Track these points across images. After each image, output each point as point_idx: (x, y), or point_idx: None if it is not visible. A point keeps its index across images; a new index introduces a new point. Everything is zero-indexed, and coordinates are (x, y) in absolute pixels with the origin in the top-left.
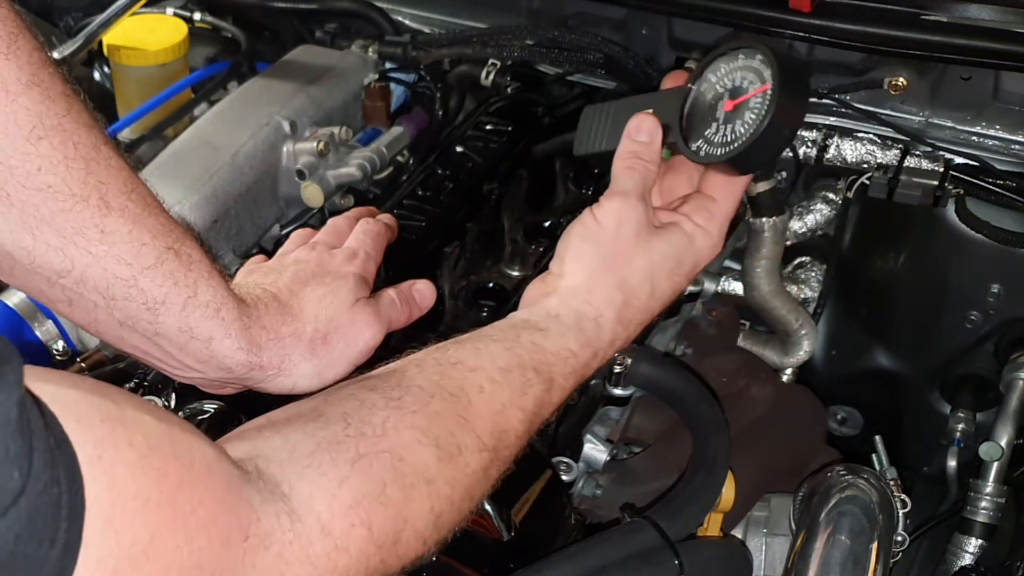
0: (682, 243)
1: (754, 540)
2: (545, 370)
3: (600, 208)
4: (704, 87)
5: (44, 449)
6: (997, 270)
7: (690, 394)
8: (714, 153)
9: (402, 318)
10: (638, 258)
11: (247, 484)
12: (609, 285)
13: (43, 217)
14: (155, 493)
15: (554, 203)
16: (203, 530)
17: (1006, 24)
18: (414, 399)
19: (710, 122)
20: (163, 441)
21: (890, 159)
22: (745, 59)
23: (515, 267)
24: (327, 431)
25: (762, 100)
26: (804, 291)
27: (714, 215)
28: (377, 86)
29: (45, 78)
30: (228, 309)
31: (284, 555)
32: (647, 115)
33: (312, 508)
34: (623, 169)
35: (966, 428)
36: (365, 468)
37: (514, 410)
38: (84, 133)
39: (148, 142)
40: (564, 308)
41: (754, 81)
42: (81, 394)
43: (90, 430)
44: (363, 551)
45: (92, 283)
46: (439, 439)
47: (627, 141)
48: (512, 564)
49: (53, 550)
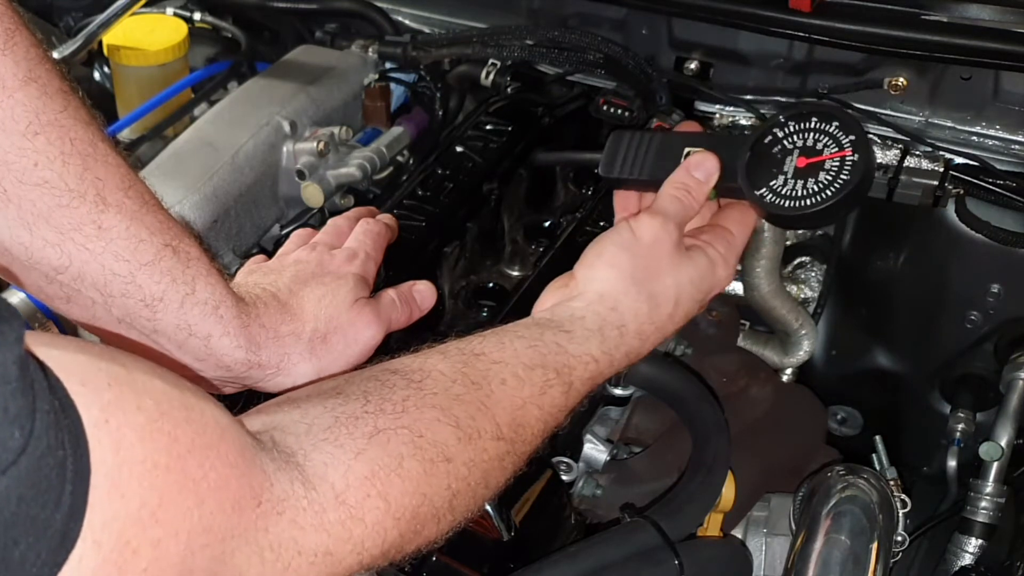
0: (706, 268)
1: (754, 540)
2: (566, 373)
3: (638, 222)
4: (768, 140)
5: (48, 410)
6: (997, 270)
7: (690, 394)
8: (781, 204)
9: (402, 319)
10: (668, 276)
11: (261, 451)
12: (639, 297)
13: (40, 213)
14: (164, 457)
15: (554, 203)
16: (214, 494)
17: (1006, 24)
18: (435, 382)
19: (776, 175)
20: (174, 406)
21: (890, 159)
22: (820, 123)
23: (515, 267)
24: (346, 407)
25: (840, 164)
26: (804, 291)
27: (732, 246)
28: (377, 86)
29: (42, 74)
30: (227, 307)
31: (298, 521)
32: (711, 155)
33: (326, 478)
34: (670, 195)
35: (966, 428)
36: (383, 442)
37: (533, 408)
38: (81, 129)
39: (148, 142)
40: (590, 312)
41: (830, 145)
42: (89, 358)
43: (96, 394)
44: (380, 522)
45: (90, 279)
46: (459, 420)
47: (683, 172)
48: (512, 564)
49: (58, 512)
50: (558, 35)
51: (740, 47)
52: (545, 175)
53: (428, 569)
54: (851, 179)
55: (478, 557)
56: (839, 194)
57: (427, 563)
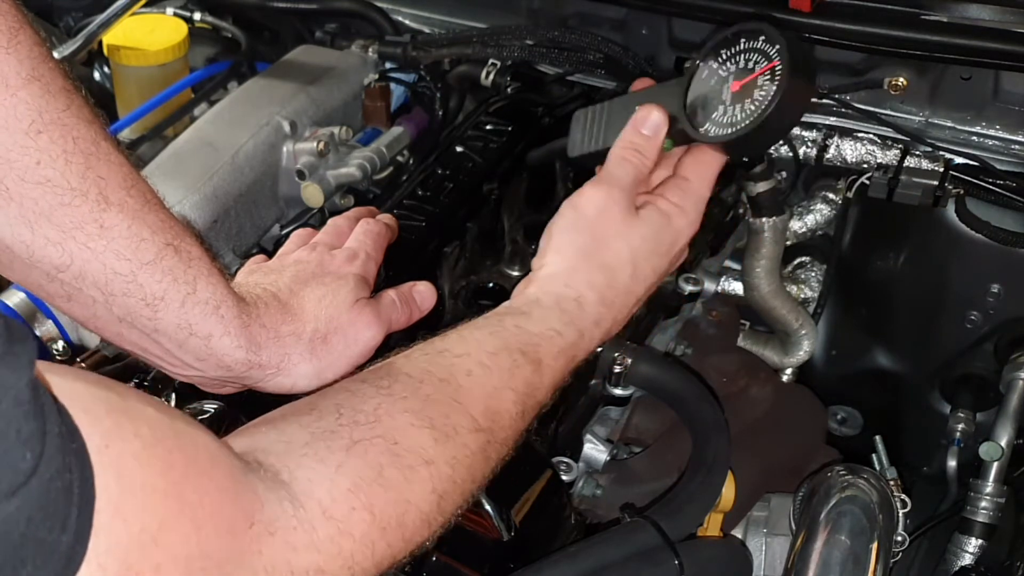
0: (660, 222)
1: (754, 540)
2: (532, 351)
3: (581, 196)
4: (705, 74)
5: (57, 433)
6: (997, 270)
7: (690, 394)
8: (724, 132)
9: (402, 319)
10: (618, 241)
11: (250, 473)
12: (589, 268)
13: (42, 211)
14: (162, 482)
15: (554, 203)
16: (210, 519)
17: (1006, 24)
18: (403, 386)
19: (716, 105)
20: (167, 433)
21: (890, 159)
22: (747, 42)
23: (515, 267)
24: (321, 422)
25: (771, 76)
26: (804, 291)
27: (688, 193)
28: (377, 86)
29: (45, 73)
30: (227, 307)
31: (290, 541)
32: (655, 107)
33: (312, 494)
34: (618, 159)
35: (966, 428)
36: (360, 453)
37: (506, 391)
38: (84, 128)
39: (148, 142)
40: (543, 293)
41: (760, 61)
42: (86, 386)
43: (97, 421)
44: (367, 535)
45: (91, 278)
46: (433, 421)
47: (630, 131)
48: (512, 564)
49: (64, 535)
50: (558, 35)
51: None
52: (545, 175)
53: (428, 569)
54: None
55: (478, 557)
56: (768, 109)
57: (427, 563)
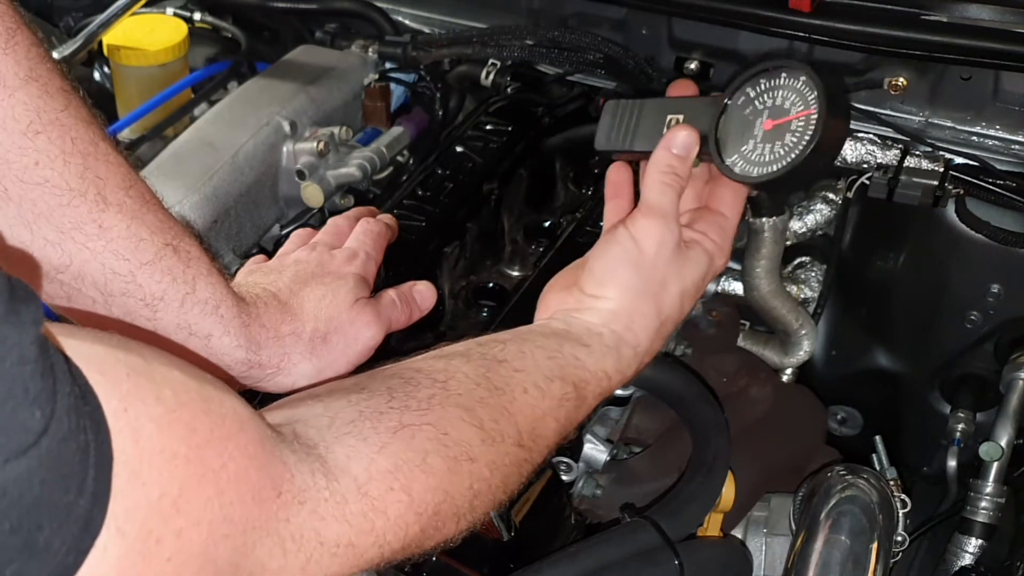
0: (706, 264)
1: (754, 540)
2: (582, 387)
3: (639, 228)
4: (741, 101)
5: (69, 393)
6: (997, 270)
7: (690, 394)
8: (750, 172)
9: (402, 319)
10: (673, 284)
11: (280, 443)
12: (650, 314)
13: (41, 212)
14: (183, 447)
15: (554, 203)
16: (233, 485)
17: (1006, 24)
18: (459, 384)
19: (747, 139)
20: (192, 397)
21: (890, 159)
22: (788, 79)
23: (515, 267)
24: (371, 402)
25: (805, 124)
26: (804, 291)
27: (726, 232)
28: (377, 86)
29: (43, 73)
30: (227, 306)
31: (319, 511)
32: (686, 128)
33: (348, 470)
34: (660, 185)
35: (966, 428)
36: (407, 437)
37: (550, 419)
38: (82, 128)
39: (148, 142)
40: (607, 330)
41: (797, 103)
42: (107, 349)
43: (115, 384)
44: (402, 516)
45: (90, 278)
46: (483, 422)
47: (663, 152)
48: (512, 564)
49: (81, 498)
50: (558, 35)
51: (740, 47)
52: (545, 175)
53: (428, 569)
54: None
55: (478, 557)
56: (799, 158)
57: (427, 563)
